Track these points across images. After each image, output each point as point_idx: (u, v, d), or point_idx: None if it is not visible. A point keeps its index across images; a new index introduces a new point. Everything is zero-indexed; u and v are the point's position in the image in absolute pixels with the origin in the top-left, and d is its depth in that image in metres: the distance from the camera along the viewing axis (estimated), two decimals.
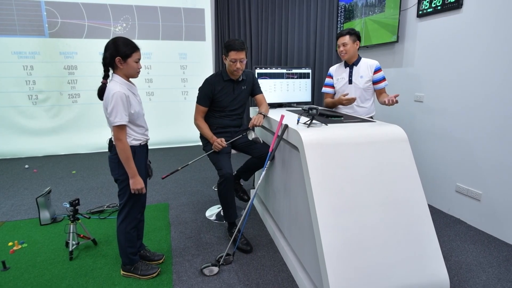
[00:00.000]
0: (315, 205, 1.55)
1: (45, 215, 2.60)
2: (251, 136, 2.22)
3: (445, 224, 2.62)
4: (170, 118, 5.23)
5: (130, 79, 1.82)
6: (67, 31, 4.60)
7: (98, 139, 4.82)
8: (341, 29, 3.99)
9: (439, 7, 2.70)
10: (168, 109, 5.22)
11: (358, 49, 2.55)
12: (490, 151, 2.41)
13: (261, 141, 2.28)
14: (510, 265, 2.06)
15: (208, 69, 5.33)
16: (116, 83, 1.70)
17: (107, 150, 1.85)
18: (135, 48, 1.72)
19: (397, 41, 3.13)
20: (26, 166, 4.20)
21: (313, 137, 1.69)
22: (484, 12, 2.37)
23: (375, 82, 2.52)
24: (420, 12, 2.89)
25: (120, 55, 1.68)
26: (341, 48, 2.49)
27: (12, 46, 4.46)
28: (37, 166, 4.23)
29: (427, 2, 2.81)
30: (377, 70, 2.49)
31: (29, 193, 3.30)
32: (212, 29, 5.22)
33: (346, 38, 2.46)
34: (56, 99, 4.75)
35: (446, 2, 2.63)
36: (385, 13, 3.23)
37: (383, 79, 2.50)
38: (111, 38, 1.74)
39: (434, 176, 2.89)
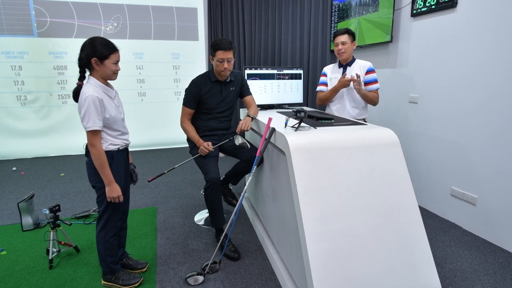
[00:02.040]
0: (301, 212, 1.47)
1: (27, 220, 2.51)
2: (238, 141, 2.15)
3: (440, 228, 2.56)
4: (163, 119, 5.14)
5: (109, 81, 1.74)
6: (57, 31, 4.51)
7: None
8: (335, 28, 3.92)
9: (433, 6, 2.63)
10: (160, 110, 5.13)
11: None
12: (486, 154, 2.34)
13: (249, 146, 2.20)
14: (506, 272, 2.00)
15: (201, 69, 5.24)
16: (90, 86, 1.62)
17: None
18: (113, 49, 1.64)
19: (391, 41, 3.06)
20: (14, 168, 4.10)
21: (300, 141, 1.62)
22: (479, 11, 2.30)
23: (366, 83, 2.45)
24: (414, 12, 2.82)
25: (96, 56, 1.59)
26: (340, 47, 2.44)
27: (0, 46, 4.35)
28: (26, 168, 4.14)
29: (421, 1, 2.74)
30: (369, 71, 2.43)
31: (13, 197, 3.21)
32: (205, 28, 5.13)
33: (345, 37, 2.42)
34: (45, 100, 4.65)
35: (440, 1, 2.56)
36: (379, 12, 3.16)
37: (375, 81, 2.44)
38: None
39: (429, 179, 2.82)
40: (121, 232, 1.91)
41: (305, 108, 2.66)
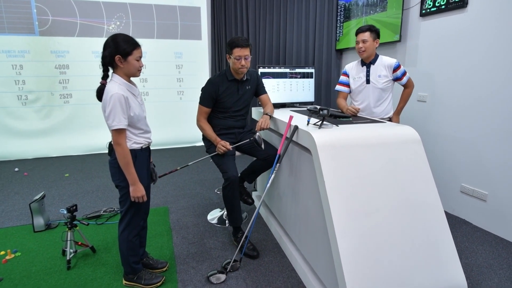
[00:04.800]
0: (330, 210, 1.48)
1: (39, 221, 2.47)
2: (259, 140, 2.14)
3: (450, 225, 2.59)
4: (166, 118, 5.11)
5: (132, 78, 1.72)
6: (59, 29, 4.44)
7: (91, 141, 4.67)
8: (341, 28, 3.95)
9: (443, 6, 2.67)
10: (163, 110, 5.09)
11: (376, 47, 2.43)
12: (496, 151, 2.39)
13: (263, 147, 2.21)
14: None
15: (204, 69, 5.23)
16: (115, 84, 1.60)
17: (100, 152, 1.76)
18: (136, 45, 1.63)
19: (399, 41, 3.09)
20: (16, 169, 4.03)
21: (326, 138, 1.63)
22: (490, 11, 2.35)
23: (397, 79, 2.42)
24: (423, 12, 2.86)
25: (120, 53, 1.58)
26: (360, 45, 2.36)
27: (0, 45, 4.27)
28: (28, 169, 4.07)
29: (431, 1, 2.78)
30: (396, 68, 2.37)
31: (20, 197, 3.16)
32: (208, 27, 5.12)
33: (367, 35, 2.33)
34: (47, 100, 4.58)
35: (450, 1, 2.60)
36: (387, 12, 3.19)
37: (404, 73, 2.41)
38: (104, 36, 1.64)
39: (438, 177, 2.86)
40: (142, 231, 1.89)
41: (318, 107, 2.66)
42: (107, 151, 1.72)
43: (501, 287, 1.86)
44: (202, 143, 2.38)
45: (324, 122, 1.82)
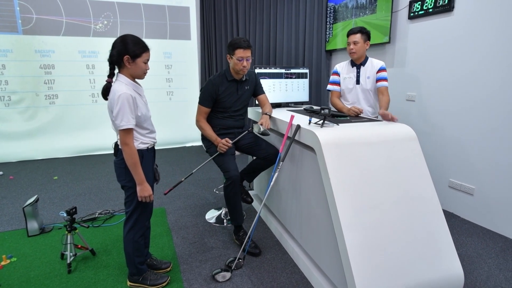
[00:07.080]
0: (336, 205, 1.54)
1: (33, 225, 2.41)
2: (260, 129, 2.10)
3: None
4: (155, 119, 4.99)
5: (136, 79, 1.72)
6: (43, 28, 4.31)
7: (78, 142, 4.55)
8: (331, 30, 4.04)
9: (430, 10, 2.79)
10: (152, 110, 4.98)
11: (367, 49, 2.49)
12: (482, 147, 2.52)
13: (269, 133, 2.20)
14: (507, 255, 2.17)
15: (193, 69, 5.21)
16: (121, 84, 1.60)
17: (89, 154, 1.74)
18: (145, 48, 1.64)
19: (389, 42, 3.20)
20: (1, 172, 3.89)
21: (329, 137, 1.68)
22: (476, 15, 2.48)
23: (378, 80, 2.47)
24: (412, 14, 2.98)
25: (129, 53, 1.58)
26: (351, 46, 2.41)
27: None
28: (13, 172, 3.93)
29: (419, 4, 2.90)
30: (380, 70, 2.46)
31: (8, 202, 3.05)
32: (198, 28, 5.11)
33: (358, 37, 2.39)
34: (31, 100, 4.44)
35: (437, 5, 2.72)
36: (377, 14, 3.30)
37: (385, 79, 2.46)
38: (91, 36, 1.65)
39: None
40: (146, 231, 1.89)
41: (314, 106, 2.72)
42: (96, 153, 1.73)
43: (491, 274, 1.97)
44: (192, 144, 2.38)
45: (325, 121, 1.88)
